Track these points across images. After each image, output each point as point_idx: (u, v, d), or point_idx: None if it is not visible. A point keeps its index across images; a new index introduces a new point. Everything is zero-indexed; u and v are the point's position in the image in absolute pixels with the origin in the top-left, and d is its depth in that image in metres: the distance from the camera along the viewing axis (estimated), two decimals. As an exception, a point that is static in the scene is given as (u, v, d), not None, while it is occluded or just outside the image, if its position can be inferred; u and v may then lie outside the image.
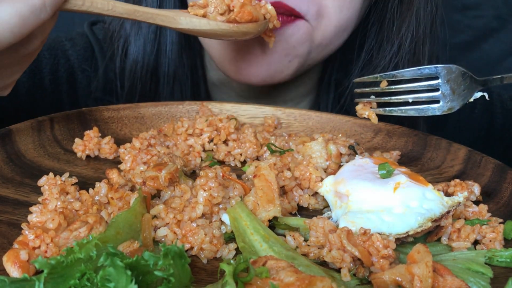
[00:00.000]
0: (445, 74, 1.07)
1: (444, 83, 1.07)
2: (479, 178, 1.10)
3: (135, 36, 1.51)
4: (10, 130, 1.10)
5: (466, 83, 1.08)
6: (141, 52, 1.52)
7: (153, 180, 0.95)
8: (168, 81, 1.55)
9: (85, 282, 0.66)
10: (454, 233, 0.91)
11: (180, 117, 1.31)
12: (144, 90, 1.55)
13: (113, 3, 0.90)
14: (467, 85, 1.08)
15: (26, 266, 0.77)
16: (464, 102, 1.09)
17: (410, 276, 0.74)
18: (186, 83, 1.58)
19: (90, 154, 1.15)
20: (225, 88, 1.65)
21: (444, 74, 1.07)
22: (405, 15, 1.41)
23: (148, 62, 1.53)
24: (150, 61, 1.53)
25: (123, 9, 0.92)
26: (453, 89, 1.07)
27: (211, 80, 1.66)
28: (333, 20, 1.32)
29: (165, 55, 1.53)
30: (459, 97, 1.08)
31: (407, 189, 0.92)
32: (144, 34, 1.51)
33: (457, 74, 1.07)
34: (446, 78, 1.07)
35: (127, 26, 1.52)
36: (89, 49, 1.64)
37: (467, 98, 1.09)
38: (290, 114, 1.34)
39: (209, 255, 0.86)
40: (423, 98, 1.10)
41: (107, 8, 0.89)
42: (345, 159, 1.11)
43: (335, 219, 0.95)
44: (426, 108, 1.10)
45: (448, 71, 1.07)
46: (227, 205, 0.94)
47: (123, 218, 0.85)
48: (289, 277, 0.69)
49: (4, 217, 0.90)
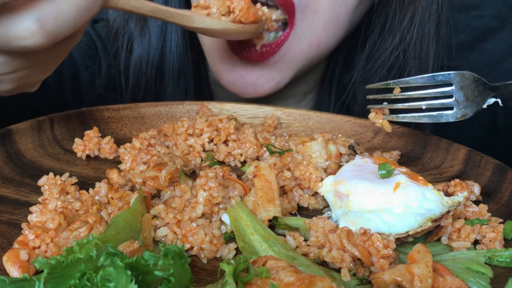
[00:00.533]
0: (459, 80, 1.06)
1: (458, 90, 1.07)
2: (479, 178, 1.10)
3: (141, 32, 1.54)
4: (10, 130, 1.10)
5: (480, 89, 1.07)
6: (146, 47, 1.54)
7: (153, 180, 0.95)
8: (173, 77, 1.58)
9: (85, 282, 0.66)
10: (454, 233, 0.91)
11: (180, 117, 1.31)
12: (149, 86, 1.57)
13: (142, 2, 0.98)
14: (481, 91, 1.07)
15: (26, 266, 0.77)
16: (477, 108, 1.09)
17: (410, 276, 0.74)
18: (190, 79, 1.60)
19: (90, 154, 1.15)
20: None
21: (458, 80, 1.06)
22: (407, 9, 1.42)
23: (154, 57, 1.55)
24: (155, 56, 1.55)
25: (149, 7, 0.99)
26: (466, 95, 1.07)
27: (213, 77, 1.67)
28: (323, 15, 1.31)
29: (170, 51, 1.56)
30: (473, 104, 1.08)
31: (407, 189, 0.92)
32: (150, 30, 1.53)
33: (470, 81, 1.07)
34: (460, 84, 1.06)
35: (131, 23, 1.54)
36: (93, 46, 1.65)
37: (480, 105, 1.09)
38: (290, 114, 1.34)
39: (209, 255, 0.86)
40: (436, 105, 1.09)
41: (138, 6, 0.97)
42: (345, 159, 1.11)
43: (335, 219, 0.95)
44: (440, 114, 1.09)
45: (462, 78, 1.07)
46: (227, 205, 0.94)
47: (123, 218, 0.85)
48: (289, 277, 0.69)
49: (4, 217, 0.90)
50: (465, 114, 1.09)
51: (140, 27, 1.54)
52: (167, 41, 1.55)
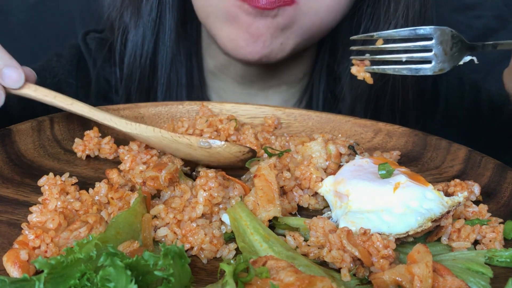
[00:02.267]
0: (439, 35, 1.09)
1: (437, 44, 1.10)
2: (479, 178, 1.10)
3: (135, 24, 1.58)
4: (10, 130, 1.10)
5: (458, 46, 1.10)
6: (140, 39, 1.58)
7: (153, 180, 0.95)
8: (166, 68, 1.61)
9: (85, 282, 0.66)
10: (454, 233, 0.91)
11: (180, 117, 1.31)
12: (142, 77, 1.61)
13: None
14: (459, 48, 1.10)
15: (26, 266, 0.77)
16: (454, 64, 1.12)
17: (410, 276, 0.74)
18: (181, 70, 1.64)
19: (90, 154, 1.15)
20: (222, 75, 1.70)
21: (438, 35, 1.09)
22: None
23: (148, 49, 1.59)
24: (149, 48, 1.59)
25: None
26: (445, 50, 1.10)
27: (208, 67, 1.71)
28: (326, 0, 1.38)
29: (163, 42, 1.60)
30: (451, 59, 1.11)
31: (407, 189, 0.92)
32: (144, 22, 1.57)
33: (449, 36, 1.10)
34: (439, 39, 1.09)
35: (126, 15, 1.58)
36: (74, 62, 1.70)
37: (457, 61, 1.12)
38: (290, 114, 1.34)
39: (209, 255, 0.86)
40: (416, 58, 1.12)
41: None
42: (345, 159, 1.11)
43: (335, 219, 0.95)
44: (419, 68, 1.12)
45: (442, 33, 1.09)
46: (227, 205, 0.94)
47: (123, 218, 0.85)
48: (289, 277, 0.69)
49: (4, 217, 0.90)
50: (442, 68, 1.12)
51: (134, 19, 1.57)
52: (161, 33, 1.59)
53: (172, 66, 1.62)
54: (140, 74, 1.61)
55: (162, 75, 1.62)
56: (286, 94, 1.72)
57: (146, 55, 1.59)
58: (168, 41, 1.59)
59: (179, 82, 1.64)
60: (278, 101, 1.70)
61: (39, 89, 1.06)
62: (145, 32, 1.58)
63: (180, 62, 1.63)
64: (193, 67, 1.68)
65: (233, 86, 1.70)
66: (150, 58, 1.60)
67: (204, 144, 0.97)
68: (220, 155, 1.00)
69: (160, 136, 1.02)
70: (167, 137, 1.00)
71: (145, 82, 1.62)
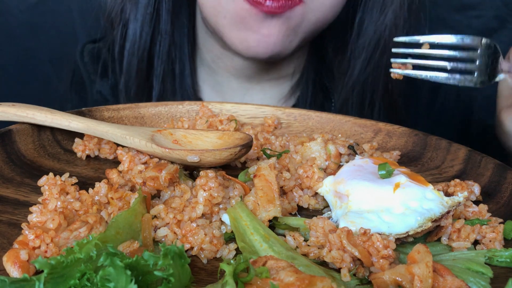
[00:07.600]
0: (484, 47, 1.05)
1: (481, 56, 1.06)
2: (479, 178, 1.10)
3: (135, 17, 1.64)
4: (10, 130, 1.10)
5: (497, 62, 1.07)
6: (139, 31, 1.64)
7: (153, 180, 0.95)
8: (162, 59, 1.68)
9: (85, 282, 0.66)
10: (454, 233, 0.91)
11: (180, 117, 1.31)
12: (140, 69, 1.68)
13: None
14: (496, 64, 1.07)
15: (26, 266, 0.77)
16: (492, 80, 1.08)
17: (410, 276, 0.74)
18: (176, 62, 1.71)
19: (90, 154, 1.15)
20: (218, 69, 1.74)
21: (484, 47, 1.05)
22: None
23: (145, 42, 1.66)
24: (147, 41, 1.66)
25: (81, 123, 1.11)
26: (487, 64, 1.06)
27: (204, 60, 1.76)
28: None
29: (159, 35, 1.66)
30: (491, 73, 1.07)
31: (407, 189, 0.92)
32: (142, 15, 1.63)
33: (493, 51, 1.06)
34: (484, 51, 1.05)
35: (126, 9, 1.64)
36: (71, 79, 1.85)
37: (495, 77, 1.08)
38: (290, 114, 1.34)
39: (209, 255, 0.86)
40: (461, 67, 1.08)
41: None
42: (344, 159, 1.11)
43: (335, 219, 0.95)
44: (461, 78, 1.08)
45: (487, 45, 1.06)
46: (227, 205, 0.94)
47: (123, 218, 0.85)
48: (289, 277, 0.69)
49: (4, 217, 0.90)
50: (483, 81, 1.08)
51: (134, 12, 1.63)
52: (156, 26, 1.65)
53: (168, 58, 1.68)
54: (138, 67, 1.67)
55: (158, 66, 1.68)
56: (282, 87, 1.76)
57: (144, 47, 1.65)
58: (164, 33, 1.65)
59: (174, 73, 1.70)
60: (275, 94, 1.74)
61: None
62: (143, 24, 1.63)
63: (175, 54, 1.69)
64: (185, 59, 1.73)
65: (229, 80, 1.74)
66: (148, 51, 1.66)
67: (193, 158, 0.99)
68: (213, 162, 1.01)
69: (152, 151, 1.03)
70: (158, 152, 1.02)
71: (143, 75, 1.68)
